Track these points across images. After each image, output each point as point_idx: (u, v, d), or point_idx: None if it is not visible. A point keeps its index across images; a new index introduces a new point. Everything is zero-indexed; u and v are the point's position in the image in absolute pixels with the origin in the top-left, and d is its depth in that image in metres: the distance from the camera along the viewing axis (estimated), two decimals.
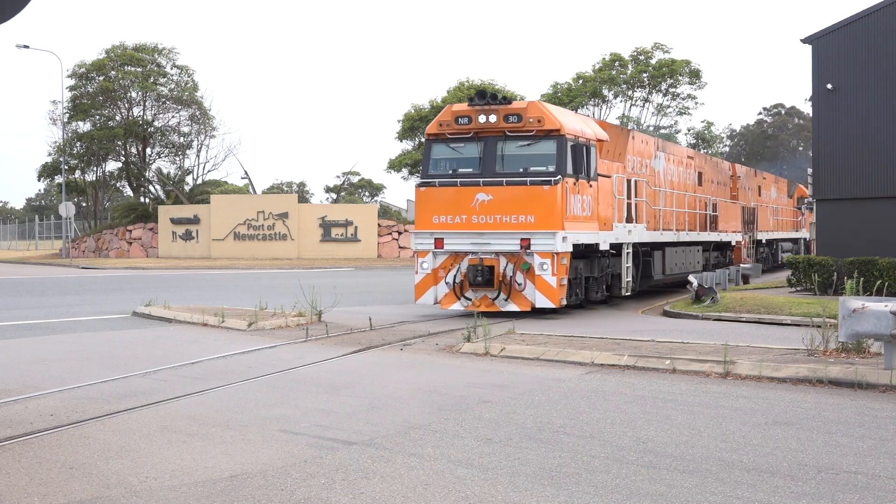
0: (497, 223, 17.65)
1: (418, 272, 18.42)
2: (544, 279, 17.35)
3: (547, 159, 17.84)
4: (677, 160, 26.31)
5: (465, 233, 17.87)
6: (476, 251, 17.81)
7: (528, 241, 17.35)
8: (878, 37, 25.47)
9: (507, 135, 17.90)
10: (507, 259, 17.66)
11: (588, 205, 18.74)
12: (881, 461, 7.02)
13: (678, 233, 25.01)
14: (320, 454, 7.21)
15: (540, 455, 7.16)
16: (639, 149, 22.93)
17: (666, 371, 11.19)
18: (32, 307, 21.61)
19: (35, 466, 6.89)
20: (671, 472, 6.71)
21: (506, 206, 17.62)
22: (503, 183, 17.63)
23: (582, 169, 18.23)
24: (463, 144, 18.34)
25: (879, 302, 10.37)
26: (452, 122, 18.24)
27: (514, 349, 12.74)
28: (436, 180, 18.31)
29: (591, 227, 18.86)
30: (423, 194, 18.54)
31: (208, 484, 6.44)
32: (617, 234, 20.33)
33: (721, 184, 31.34)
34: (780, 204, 42.23)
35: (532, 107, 17.98)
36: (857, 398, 9.55)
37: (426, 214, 18.38)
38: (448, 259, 18.17)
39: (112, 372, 11.18)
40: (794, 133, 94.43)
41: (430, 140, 18.79)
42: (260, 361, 12.17)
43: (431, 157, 18.68)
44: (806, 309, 18.02)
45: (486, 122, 17.89)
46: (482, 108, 17.98)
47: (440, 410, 8.88)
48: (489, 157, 17.97)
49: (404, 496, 6.14)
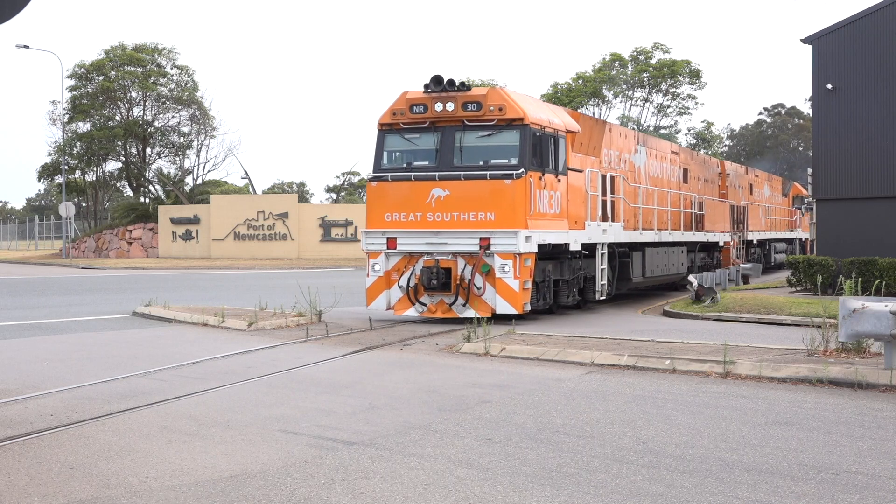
0: (454, 221, 16.39)
1: (369, 275, 17.12)
2: (506, 282, 16.05)
3: (509, 151, 16.53)
4: (660, 155, 25.03)
5: (420, 231, 16.60)
6: (431, 252, 16.53)
7: (488, 241, 16.07)
8: (878, 37, 25.47)
9: (465, 124, 16.56)
10: (465, 260, 16.37)
11: (556, 201, 17.44)
12: (881, 461, 7.02)
13: (660, 232, 23.69)
14: (320, 454, 7.21)
15: (540, 455, 7.16)
16: (616, 142, 21.59)
17: (666, 371, 11.19)
18: (33, 307, 21.61)
19: (35, 466, 6.89)
20: (671, 472, 6.71)
21: (464, 203, 16.34)
22: (461, 177, 16.36)
23: (549, 162, 17.05)
24: (418, 135, 17.01)
25: (879, 302, 10.37)
26: (407, 111, 16.86)
27: (514, 349, 12.74)
28: (388, 174, 17.04)
29: (559, 225, 17.54)
30: (374, 190, 17.28)
31: (208, 484, 6.44)
32: (590, 233, 18.94)
33: (708, 181, 30.02)
34: (773, 203, 40.89)
35: (493, 93, 16.60)
36: (857, 398, 9.55)
37: (378, 212, 17.11)
38: (402, 260, 16.90)
39: (112, 372, 11.19)
40: (795, 133, 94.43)
41: (382, 131, 17.39)
42: (260, 361, 12.17)
43: (384, 149, 17.32)
44: (806, 309, 18.02)
45: (443, 110, 16.48)
46: (438, 95, 16.57)
47: (440, 410, 8.88)
48: (446, 149, 16.63)
49: (404, 496, 6.14)
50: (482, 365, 11.85)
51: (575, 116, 19.32)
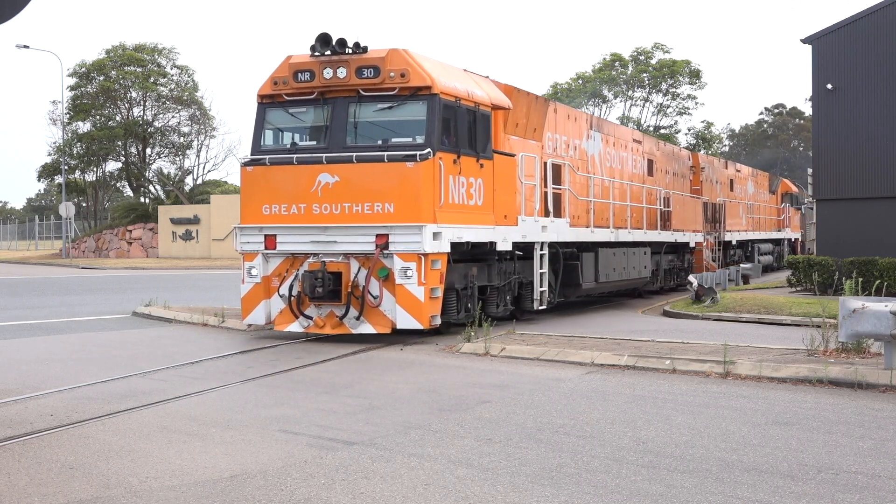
0: (346, 214, 13.51)
1: (245, 281, 14.26)
2: (408, 290, 13.16)
3: (415, 127, 13.65)
4: (619, 143, 22.20)
5: (305, 227, 13.76)
6: (318, 252, 13.69)
7: (386, 238, 13.23)
8: (878, 37, 25.49)
9: (361, 94, 13.68)
10: (359, 263, 13.50)
11: (478, 191, 14.56)
12: (881, 461, 7.02)
13: (617, 231, 20.83)
14: (320, 454, 7.21)
15: (540, 455, 7.16)
16: (564, 125, 18.82)
17: (666, 371, 11.19)
18: (32, 307, 21.61)
19: (35, 466, 6.89)
20: (671, 472, 6.71)
21: (358, 192, 13.46)
22: (353, 159, 13.44)
23: (467, 142, 14.21)
24: (304, 109, 14.24)
25: (879, 302, 10.37)
26: (290, 79, 13.97)
27: (514, 349, 12.74)
28: (266, 157, 14.16)
29: (482, 219, 14.70)
30: (250, 176, 14.31)
31: (208, 484, 6.43)
32: (524, 229, 16.06)
33: (678, 175, 27.14)
34: (758, 200, 37.90)
35: (394, 56, 13.61)
36: (857, 398, 9.55)
37: (254, 203, 14.26)
38: (284, 263, 14.06)
39: (112, 372, 11.18)
40: (795, 133, 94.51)
41: (262, 104, 14.51)
42: (260, 361, 12.17)
43: (265, 126, 14.51)
44: (806, 309, 18.03)
45: (334, 77, 13.63)
46: (329, 59, 13.69)
47: (440, 410, 8.88)
48: (338, 126, 13.80)
49: (404, 496, 6.14)
50: (482, 365, 11.85)
51: (508, 91, 16.32)
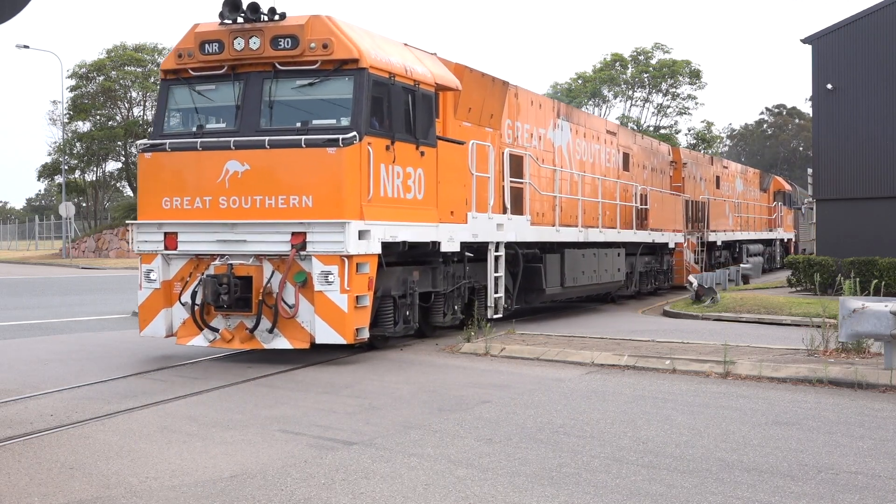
0: (257, 209, 11.57)
1: (142, 287, 12.17)
2: (328, 298, 11.18)
3: (339, 107, 11.79)
4: (591, 135, 20.41)
5: (210, 224, 11.77)
6: (225, 253, 11.72)
7: (304, 237, 11.30)
8: (878, 37, 25.50)
9: (277, 69, 11.74)
10: (273, 266, 11.55)
11: (418, 182, 12.72)
12: (881, 461, 7.02)
13: (586, 230, 18.99)
14: (320, 454, 7.21)
15: (540, 455, 7.16)
16: (527, 113, 17.01)
17: (666, 371, 11.19)
18: (32, 307, 21.61)
19: (35, 466, 6.89)
20: (671, 472, 6.71)
21: (271, 182, 11.53)
22: (265, 144, 11.50)
23: (404, 126, 12.34)
24: (213, 86, 12.26)
25: (879, 302, 10.38)
26: (196, 51, 11.99)
27: (515, 349, 12.74)
28: (166, 142, 12.22)
29: (423, 216, 12.85)
30: (148, 164, 12.38)
31: (208, 484, 6.43)
32: (475, 228, 14.25)
33: (657, 171, 25.44)
34: (748, 199, 36.05)
35: (315, 24, 11.64)
36: (857, 398, 9.55)
37: (153, 196, 12.26)
38: (187, 266, 12.04)
39: (112, 372, 11.18)
40: (795, 133, 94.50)
41: (166, 80, 12.56)
42: (260, 361, 12.16)
43: (168, 106, 12.57)
44: (806, 309, 18.03)
45: (245, 48, 11.67)
46: (241, 27, 11.73)
47: (440, 410, 8.88)
48: (250, 106, 11.84)
49: (404, 496, 6.14)
50: (482, 365, 11.84)
51: (458, 71, 14.39)
